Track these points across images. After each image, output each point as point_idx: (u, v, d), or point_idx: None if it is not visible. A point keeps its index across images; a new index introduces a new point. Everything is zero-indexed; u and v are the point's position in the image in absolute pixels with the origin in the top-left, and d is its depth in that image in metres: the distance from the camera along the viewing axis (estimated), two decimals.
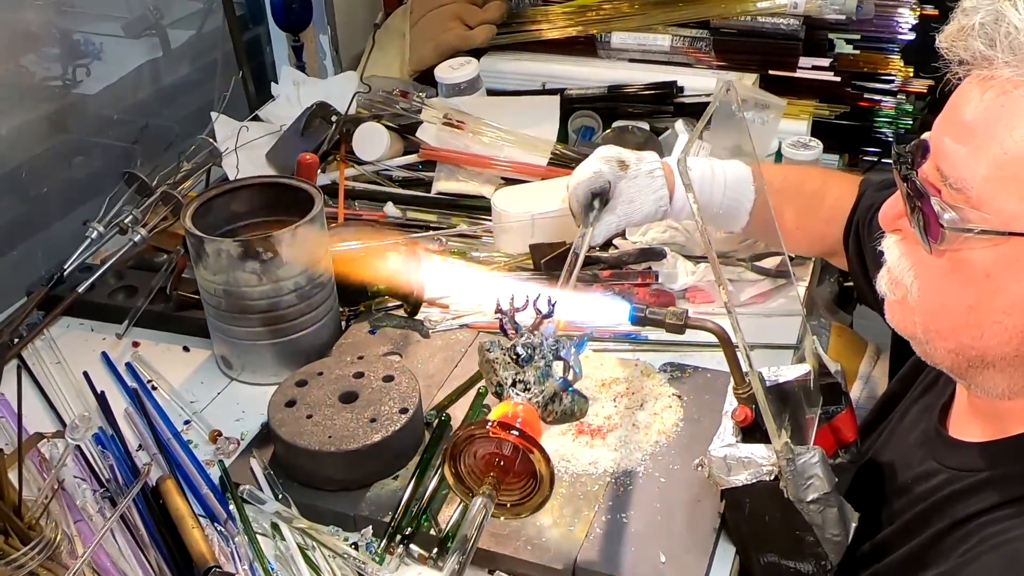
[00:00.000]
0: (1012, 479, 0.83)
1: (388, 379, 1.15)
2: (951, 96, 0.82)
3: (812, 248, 1.38)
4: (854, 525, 0.94)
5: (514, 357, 0.97)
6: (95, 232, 1.43)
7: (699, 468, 1.01)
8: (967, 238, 0.78)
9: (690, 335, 1.06)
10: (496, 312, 0.99)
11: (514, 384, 0.96)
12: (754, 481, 0.94)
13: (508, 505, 0.94)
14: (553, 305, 0.99)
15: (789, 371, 1.04)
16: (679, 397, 1.19)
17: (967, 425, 0.92)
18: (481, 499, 0.90)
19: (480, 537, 0.88)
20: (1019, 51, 0.74)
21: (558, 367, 0.99)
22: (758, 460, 0.93)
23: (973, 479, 0.86)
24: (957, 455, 0.90)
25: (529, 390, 0.95)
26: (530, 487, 0.93)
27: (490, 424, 0.90)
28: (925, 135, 0.85)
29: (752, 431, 0.99)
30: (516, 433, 0.89)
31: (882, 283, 0.91)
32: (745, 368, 0.97)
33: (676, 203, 1.26)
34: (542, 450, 0.90)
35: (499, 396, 0.97)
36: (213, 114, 1.69)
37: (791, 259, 1.46)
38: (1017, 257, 0.77)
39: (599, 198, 1.24)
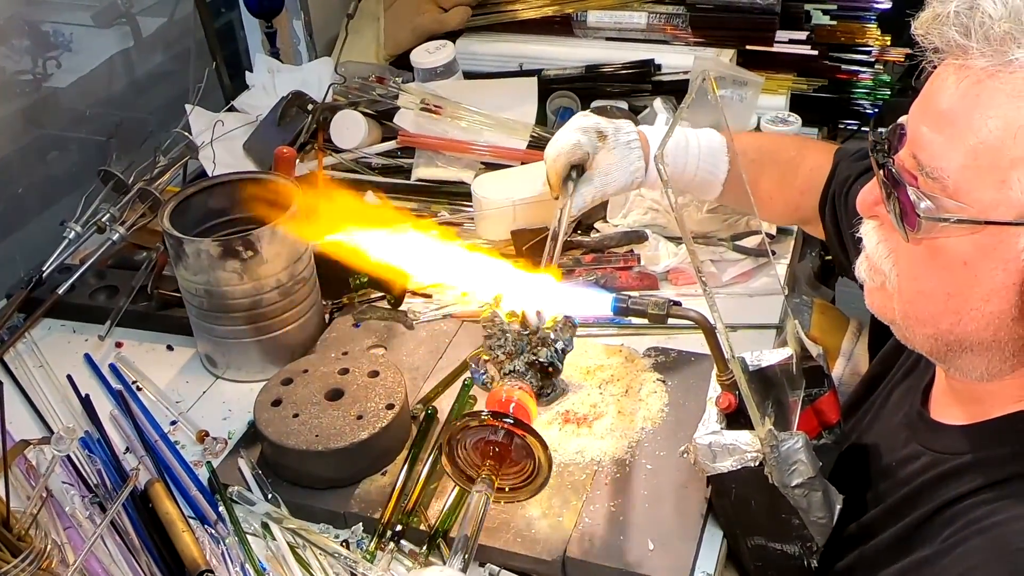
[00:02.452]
0: (995, 462, 0.84)
1: (373, 375, 1.15)
2: (927, 83, 0.82)
3: (786, 217, 1.38)
4: (839, 507, 0.95)
5: (535, 341, 0.99)
6: (72, 232, 1.42)
7: (685, 455, 1.01)
8: (944, 227, 0.79)
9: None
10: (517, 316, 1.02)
11: (526, 366, 0.98)
12: (739, 467, 0.94)
13: (507, 489, 0.96)
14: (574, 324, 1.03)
15: (772, 355, 1.05)
16: (664, 382, 1.19)
17: (948, 408, 0.93)
18: (481, 487, 0.91)
19: (482, 527, 0.89)
20: (994, 41, 0.74)
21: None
22: (743, 447, 0.94)
23: (956, 462, 0.87)
24: (940, 438, 0.91)
25: (532, 374, 0.98)
26: (528, 470, 0.95)
27: (484, 415, 0.92)
28: (902, 119, 0.85)
29: (736, 417, 0.99)
30: (510, 421, 0.91)
31: (861, 269, 0.92)
32: (728, 355, 0.98)
33: (651, 173, 1.25)
34: (537, 435, 0.91)
35: (499, 365, 0.99)
36: (188, 107, 1.68)
37: (771, 237, 1.46)
38: (994, 245, 0.77)
39: (576, 168, 1.24)
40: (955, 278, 0.80)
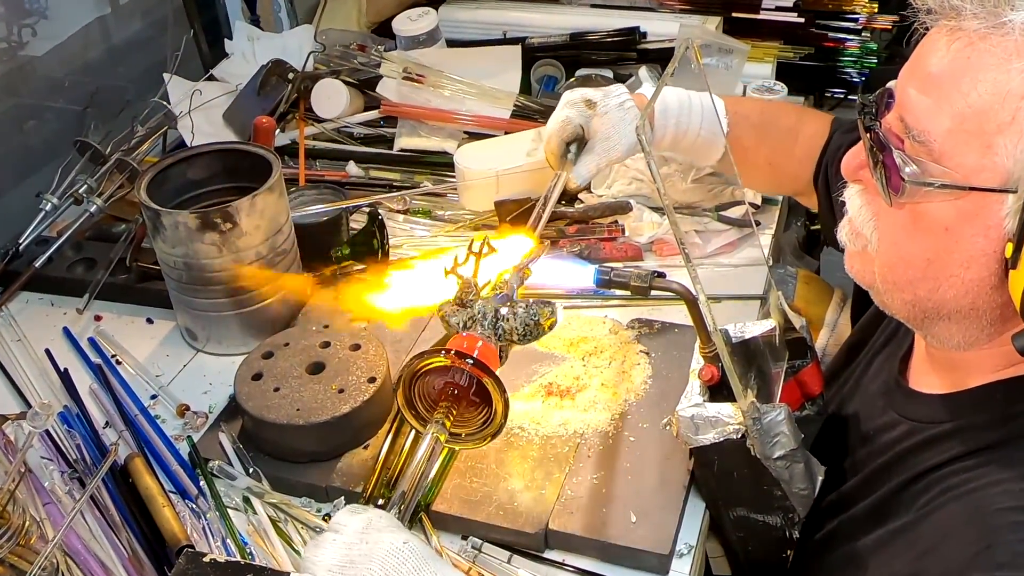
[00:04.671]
0: (971, 431, 0.84)
1: (355, 348, 1.14)
2: (918, 46, 0.81)
3: (783, 187, 1.37)
4: (820, 478, 0.95)
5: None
6: (49, 204, 1.40)
7: (667, 427, 1.01)
8: (927, 191, 0.78)
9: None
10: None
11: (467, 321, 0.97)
12: (721, 440, 0.94)
13: (463, 436, 0.96)
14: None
15: (755, 327, 1.05)
16: (647, 354, 1.19)
17: (926, 376, 0.93)
18: (433, 427, 0.91)
19: (432, 465, 0.90)
20: (988, 2, 0.73)
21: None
22: (725, 419, 0.94)
23: (933, 431, 0.87)
24: (917, 407, 0.91)
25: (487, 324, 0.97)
26: (483, 419, 0.94)
27: (446, 352, 0.91)
28: (891, 83, 0.84)
29: (719, 389, 0.99)
30: (471, 362, 0.90)
31: (842, 233, 0.91)
32: (710, 328, 0.97)
33: (656, 132, 1.24)
34: (496, 378, 0.90)
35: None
36: (166, 76, 1.65)
37: (756, 208, 1.46)
38: (976, 211, 0.77)
39: (575, 143, 1.23)
40: (936, 244, 0.80)
